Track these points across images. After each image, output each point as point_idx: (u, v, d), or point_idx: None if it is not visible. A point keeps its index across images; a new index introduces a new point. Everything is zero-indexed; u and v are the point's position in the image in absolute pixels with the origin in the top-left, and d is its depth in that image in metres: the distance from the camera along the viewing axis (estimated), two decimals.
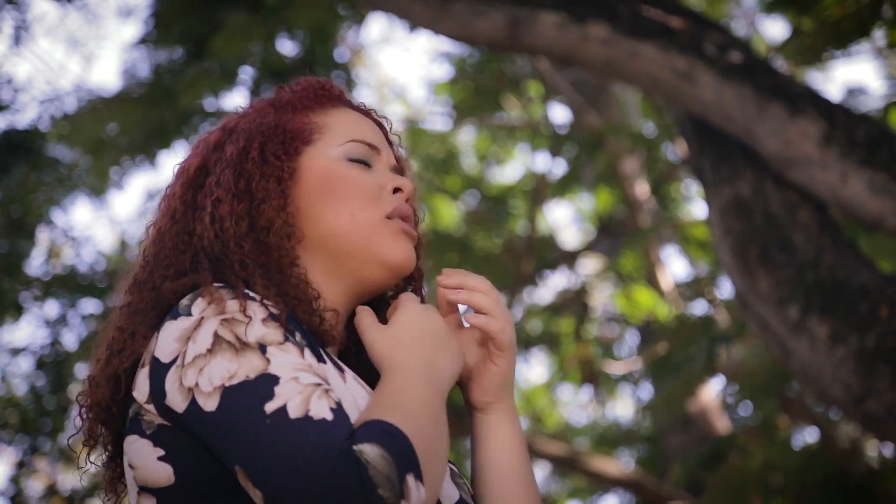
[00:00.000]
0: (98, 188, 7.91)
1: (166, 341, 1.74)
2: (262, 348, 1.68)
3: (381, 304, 2.01)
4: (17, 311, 8.05)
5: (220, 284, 1.77)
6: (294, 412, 1.62)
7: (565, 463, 8.52)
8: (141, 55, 7.26)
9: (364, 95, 10.42)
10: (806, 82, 5.12)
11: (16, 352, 8.67)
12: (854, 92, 6.87)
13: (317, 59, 7.31)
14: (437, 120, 10.48)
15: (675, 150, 8.04)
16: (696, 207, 10.32)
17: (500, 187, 10.64)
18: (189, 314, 1.73)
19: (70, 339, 8.34)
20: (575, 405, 12.21)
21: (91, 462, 1.89)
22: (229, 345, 1.69)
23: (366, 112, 2.04)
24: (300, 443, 1.60)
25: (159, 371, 1.74)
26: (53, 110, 7.40)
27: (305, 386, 1.65)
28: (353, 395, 1.77)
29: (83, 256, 8.34)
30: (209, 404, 1.68)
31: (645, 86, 4.98)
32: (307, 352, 1.72)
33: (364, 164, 1.95)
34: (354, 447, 1.60)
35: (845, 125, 4.53)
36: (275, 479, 1.61)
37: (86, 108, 7.30)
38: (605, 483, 8.78)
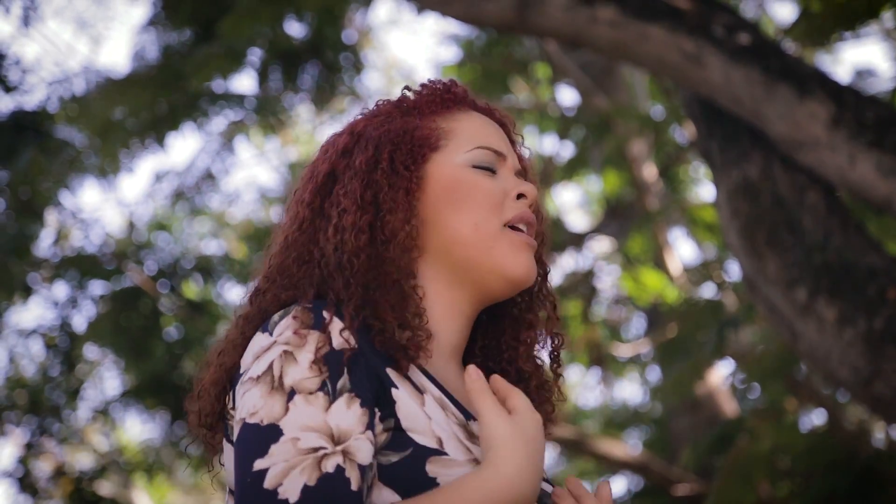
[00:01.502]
0: (107, 170, 7.92)
1: (248, 353, 1.77)
2: (291, 395, 1.68)
3: (498, 310, 1.98)
4: (26, 292, 8.06)
5: (310, 306, 1.76)
6: (269, 481, 1.63)
7: (573, 445, 8.53)
8: (149, 37, 7.26)
9: (372, 78, 10.43)
10: (814, 64, 5.11)
11: (25, 334, 8.69)
12: (863, 74, 6.86)
13: (325, 41, 7.30)
14: None
15: (683, 132, 8.02)
16: (704, 190, 10.31)
17: None
18: (271, 333, 1.74)
19: (79, 321, 8.36)
20: (583, 387, 12.22)
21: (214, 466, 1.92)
22: (271, 380, 1.70)
23: (489, 112, 2.01)
24: None
25: (237, 378, 1.78)
26: (62, 92, 7.40)
27: (298, 452, 1.64)
28: (429, 414, 1.76)
29: (91, 238, 8.35)
30: (236, 430, 1.72)
31: (653, 68, 4.97)
32: (348, 399, 1.69)
33: (489, 170, 1.92)
34: None
35: (854, 107, 4.52)
36: None
37: (94, 90, 7.30)
38: (612, 466, 8.79)
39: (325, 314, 1.74)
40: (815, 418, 7.94)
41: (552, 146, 9.04)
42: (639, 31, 4.74)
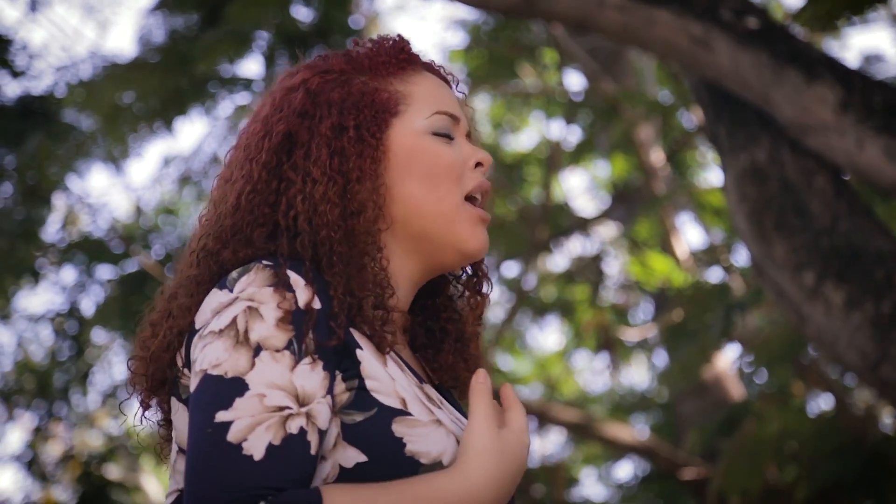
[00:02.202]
0: (114, 155, 7.92)
1: (204, 309, 1.74)
2: (257, 350, 1.66)
3: (433, 290, 1.98)
4: (34, 277, 8.08)
5: (271, 264, 1.73)
6: (233, 435, 1.61)
7: (580, 430, 8.54)
8: (156, 21, 7.26)
9: None
10: (823, 49, 5.10)
11: (34, 319, 8.71)
12: (871, 58, 6.85)
13: (332, 25, 7.30)
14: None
15: (691, 116, 8.02)
16: (711, 174, 10.30)
17: (515, 155, 10.63)
18: (231, 289, 1.72)
19: (87, 305, 8.37)
20: (590, 372, 12.23)
21: (144, 419, 1.89)
22: (235, 334, 1.67)
23: (436, 71, 1.98)
24: (213, 471, 1.60)
25: (191, 336, 1.75)
26: (69, 77, 7.40)
27: (264, 408, 1.62)
28: (392, 375, 1.76)
29: (99, 223, 8.36)
30: (192, 383, 1.69)
31: (660, 52, 4.96)
32: (312, 361, 1.68)
33: (447, 137, 1.91)
34: (261, 503, 1.57)
35: (862, 92, 4.52)
36: (188, 491, 1.61)
37: (102, 75, 7.30)
38: (619, 450, 8.80)
39: (290, 273, 1.72)
40: (823, 402, 7.95)
41: (559, 131, 9.04)
42: (646, 15, 4.73)
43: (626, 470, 10.77)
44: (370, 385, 1.72)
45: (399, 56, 1.94)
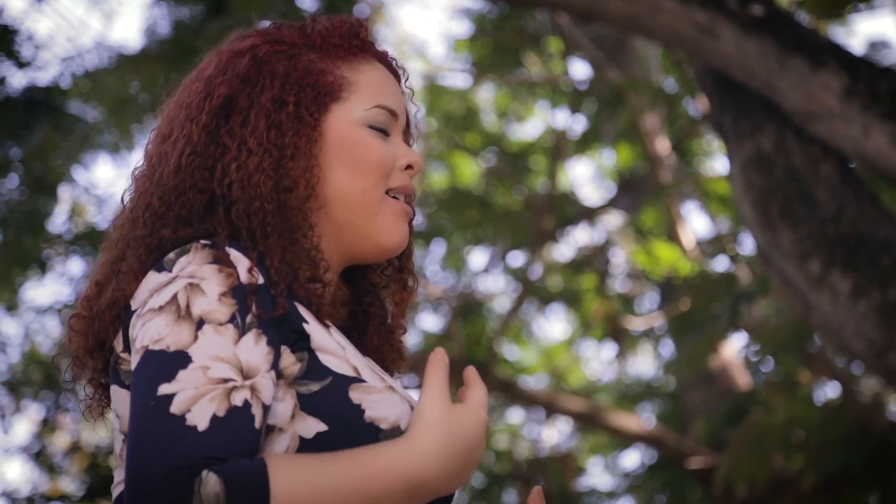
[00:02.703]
0: (120, 146, 7.93)
1: (141, 290, 1.73)
2: (200, 324, 1.65)
3: (356, 274, 1.98)
4: (41, 268, 8.09)
5: (209, 243, 1.73)
6: (176, 406, 1.59)
7: (587, 419, 8.55)
8: (161, 12, 7.26)
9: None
10: (828, 36, 5.09)
11: (41, 310, 8.72)
12: (876, 45, 6.83)
13: (336, 14, 7.29)
14: (457, 77, 10.46)
15: (696, 105, 8.01)
16: (717, 163, 10.29)
17: (520, 144, 10.62)
18: (170, 270, 1.71)
19: None
20: (596, 361, 12.24)
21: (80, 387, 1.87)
22: (176, 309, 1.66)
23: (387, 62, 1.98)
24: (156, 442, 1.58)
25: (128, 317, 1.74)
26: (75, 68, 7.40)
27: (208, 380, 1.61)
28: (341, 345, 1.76)
29: (106, 214, 8.37)
30: (133, 361, 1.68)
31: (666, 40, 4.96)
32: (256, 335, 1.67)
33: (383, 132, 1.90)
34: (204, 472, 1.56)
35: (867, 79, 4.51)
36: (129, 463, 1.60)
37: (107, 66, 7.30)
38: (626, 439, 8.80)
39: (230, 249, 1.72)
40: (829, 391, 7.95)
41: (564, 120, 9.03)
42: (651, 3, 4.73)
43: (632, 459, 10.78)
44: (322, 356, 1.72)
45: (352, 41, 1.93)
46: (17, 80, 7.16)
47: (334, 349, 1.74)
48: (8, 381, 8.75)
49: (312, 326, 1.75)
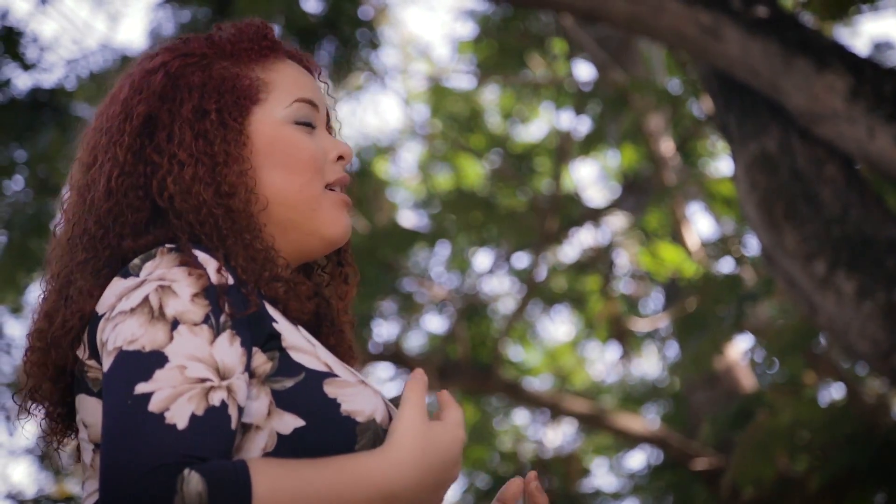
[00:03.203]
0: None
1: (107, 296, 1.73)
2: (174, 324, 1.65)
3: (306, 270, 1.98)
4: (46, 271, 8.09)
5: (174, 246, 1.73)
6: (154, 405, 1.59)
7: (591, 420, 8.54)
8: (166, 14, 7.27)
9: (388, 54, 10.42)
10: (833, 37, 5.09)
11: None
12: (881, 46, 6.83)
13: (341, 16, 7.30)
14: (462, 78, 10.46)
15: (701, 106, 8.00)
16: (721, 164, 10.28)
17: (524, 145, 10.62)
18: (137, 275, 1.71)
19: None
20: (601, 362, 12.23)
21: (33, 414, 1.87)
22: (150, 310, 1.66)
23: (299, 58, 1.98)
24: (135, 441, 1.57)
25: (94, 324, 1.74)
26: (80, 70, 7.41)
27: (185, 380, 1.61)
28: (311, 342, 1.77)
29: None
30: (106, 363, 1.68)
31: (670, 41, 4.96)
32: (230, 335, 1.67)
33: (309, 125, 1.91)
34: (186, 471, 1.55)
35: (872, 80, 4.51)
36: (105, 462, 1.59)
37: (112, 68, 7.31)
38: (631, 440, 8.80)
39: (197, 252, 1.73)
40: (835, 392, 7.94)
41: (569, 121, 9.03)
42: (655, 4, 4.73)
43: (637, 460, 10.77)
44: (293, 353, 1.73)
45: (262, 43, 1.93)
46: (23, 82, 7.17)
47: (305, 347, 1.75)
48: (13, 383, 8.75)
49: (282, 325, 1.76)
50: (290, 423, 1.69)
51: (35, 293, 8.46)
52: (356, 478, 1.63)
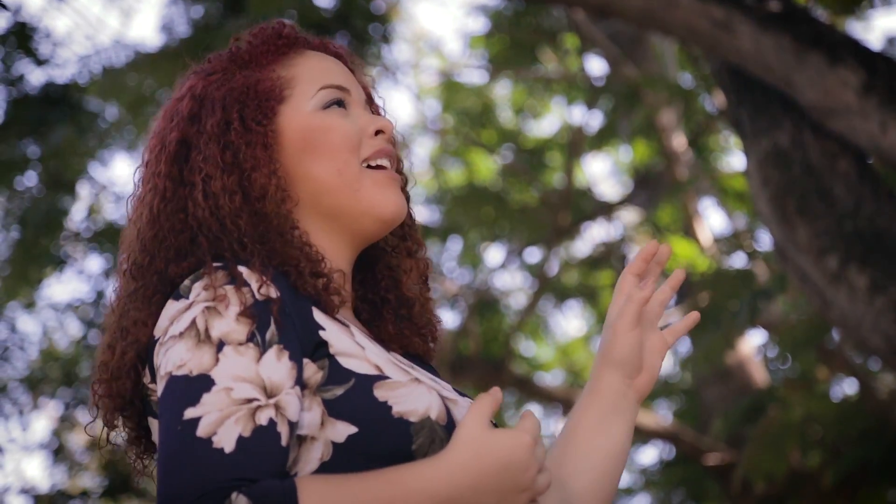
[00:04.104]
0: (138, 144, 7.95)
1: (162, 320, 1.75)
2: (220, 346, 1.67)
3: (376, 251, 1.99)
4: (59, 266, 8.11)
5: (220, 265, 1.75)
6: (202, 430, 1.61)
7: None
8: (179, 10, 7.28)
9: (399, 49, 10.42)
10: (845, 31, 5.09)
11: (59, 308, 8.75)
12: (894, 41, 6.82)
13: (353, 11, 7.30)
14: (473, 73, 10.46)
15: (713, 101, 8.00)
16: (734, 159, 10.27)
17: (536, 140, 10.62)
18: (186, 297, 1.73)
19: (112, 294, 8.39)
20: None
21: (109, 443, 1.90)
22: (196, 334, 1.68)
23: (323, 47, 1.99)
24: (184, 466, 1.60)
25: (153, 348, 1.76)
26: (93, 65, 7.43)
27: (232, 402, 1.63)
28: (361, 345, 1.77)
29: (123, 212, 8.39)
30: (159, 388, 1.70)
31: (682, 36, 4.96)
32: (277, 351, 1.68)
33: (340, 105, 1.92)
34: (234, 495, 1.57)
35: (885, 74, 4.50)
36: (159, 489, 1.62)
37: (125, 64, 7.33)
38: (643, 435, 8.80)
39: (240, 268, 1.74)
40: (847, 387, 7.93)
41: (581, 116, 9.02)
42: None
43: (649, 455, 10.77)
44: (342, 359, 1.73)
45: (278, 42, 1.95)
46: (36, 77, 7.19)
47: (354, 351, 1.75)
48: (26, 378, 8.78)
49: (330, 332, 1.76)
50: (343, 431, 1.69)
51: (49, 288, 8.44)
52: (406, 487, 1.62)
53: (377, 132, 1.92)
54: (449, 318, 10.23)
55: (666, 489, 8.96)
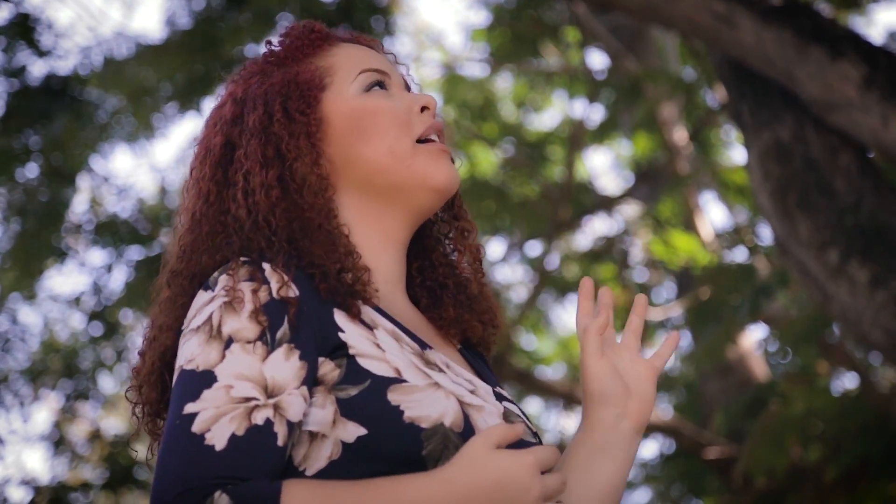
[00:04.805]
0: (139, 135, 7.95)
1: (191, 310, 1.76)
2: (228, 343, 1.68)
3: (431, 240, 2.00)
4: (60, 258, 8.11)
5: (245, 260, 1.76)
6: (197, 425, 1.62)
7: None
8: (181, 2, 7.28)
9: (401, 42, 10.42)
10: (847, 25, 5.09)
11: (60, 300, 8.75)
12: (895, 35, 6.81)
13: (356, 4, 7.30)
14: (475, 66, 10.46)
15: (714, 95, 7.99)
16: (735, 153, 10.27)
17: (537, 134, 10.61)
18: (213, 289, 1.74)
19: (115, 286, 8.40)
20: None
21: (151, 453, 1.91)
22: (210, 329, 1.70)
23: (355, 40, 2.01)
24: (175, 460, 1.61)
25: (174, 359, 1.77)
26: (94, 57, 7.43)
27: (229, 400, 1.64)
28: (382, 347, 1.76)
29: (125, 204, 8.39)
30: (173, 380, 1.72)
31: (684, 30, 4.96)
32: (287, 350, 1.68)
33: (381, 87, 1.93)
34: (217, 493, 1.57)
35: (886, 68, 4.50)
36: (153, 480, 1.63)
37: (127, 56, 7.33)
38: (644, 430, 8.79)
39: (265, 266, 1.74)
40: (848, 381, 7.93)
41: (582, 110, 9.02)
42: None
43: (650, 449, 10.77)
44: (361, 360, 1.73)
45: (311, 37, 1.97)
46: (38, 68, 7.19)
47: (373, 352, 1.74)
48: (27, 369, 8.79)
49: (349, 334, 1.75)
50: (353, 431, 1.69)
51: (50, 280, 8.46)
52: (395, 497, 1.61)
53: (423, 109, 1.94)
54: None
55: (666, 483, 8.96)
